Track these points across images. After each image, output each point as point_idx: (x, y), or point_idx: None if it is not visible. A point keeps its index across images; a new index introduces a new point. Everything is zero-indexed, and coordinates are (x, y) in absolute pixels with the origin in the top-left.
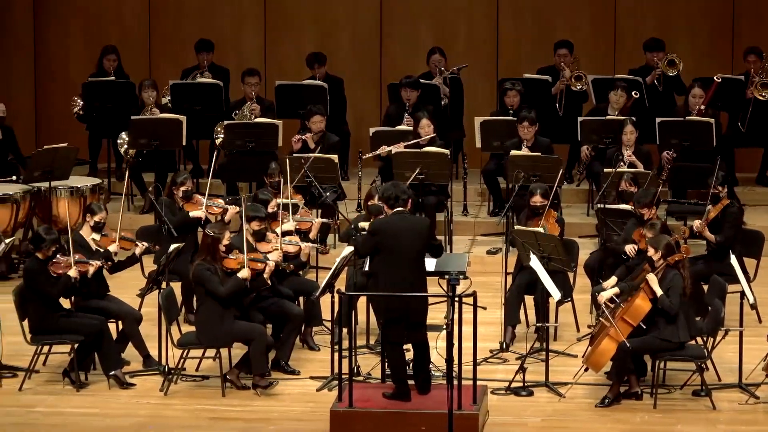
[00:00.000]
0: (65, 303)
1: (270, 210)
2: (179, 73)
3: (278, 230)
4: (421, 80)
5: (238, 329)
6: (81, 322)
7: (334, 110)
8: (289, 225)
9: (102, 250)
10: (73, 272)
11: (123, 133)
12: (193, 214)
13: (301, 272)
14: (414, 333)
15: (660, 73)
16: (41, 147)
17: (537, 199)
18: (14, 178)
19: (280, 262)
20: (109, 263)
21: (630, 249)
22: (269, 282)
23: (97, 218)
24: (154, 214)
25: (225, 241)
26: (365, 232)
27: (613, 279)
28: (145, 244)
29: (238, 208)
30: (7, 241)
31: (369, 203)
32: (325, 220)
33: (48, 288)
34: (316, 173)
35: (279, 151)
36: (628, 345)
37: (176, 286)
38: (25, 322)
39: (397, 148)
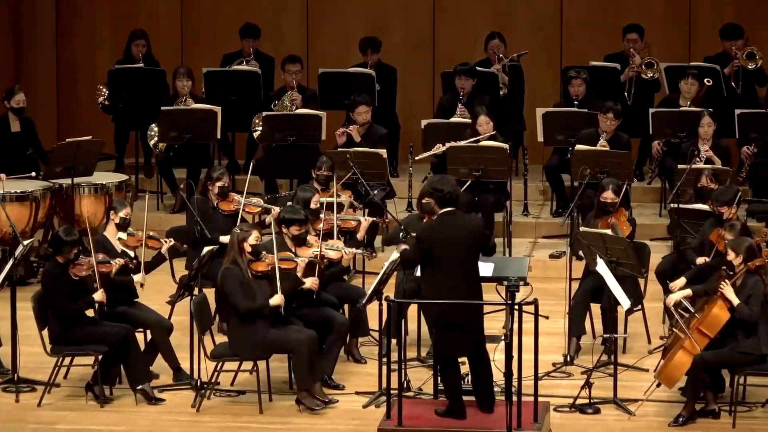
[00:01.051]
0: (89, 311)
1: (312, 206)
2: (212, 60)
3: (320, 226)
4: (478, 68)
5: (276, 339)
6: (105, 331)
7: (384, 101)
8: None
9: (128, 252)
10: (98, 296)
11: (152, 125)
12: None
13: (345, 277)
14: (470, 344)
15: (738, 65)
16: (63, 140)
17: (608, 195)
18: (34, 174)
19: (316, 259)
20: (135, 261)
21: (702, 261)
22: (304, 281)
23: (122, 214)
24: (186, 214)
25: (252, 241)
26: (414, 239)
27: (682, 280)
28: (172, 240)
29: (278, 210)
30: (25, 242)
31: (423, 201)
32: (374, 219)
33: (64, 304)
34: (363, 169)
35: (322, 145)
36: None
37: (210, 293)
38: (45, 332)
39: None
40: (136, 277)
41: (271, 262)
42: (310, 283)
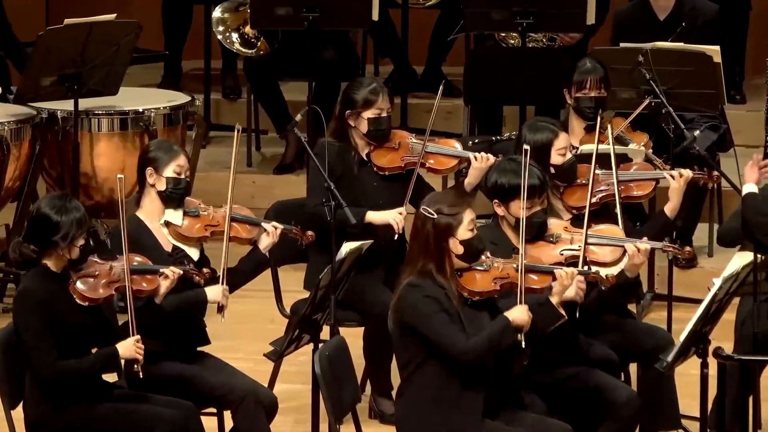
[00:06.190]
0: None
1: (556, 157)
2: None
3: (577, 197)
4: None
5: None
6: (145, 412)
7: None
8: None
9: (187, 249)
10: (126, 352)
11: None
12: None
13: (633, 308)
14: None
15: None
16: (59, 23)
17: None
18: None
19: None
20: (208, 271)
21: None
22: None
23: (170, 171)
24: (308, 172)
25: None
26: None
27: None
28: (278, 226)
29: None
30: None
31: None
32: (697, 174)
33: (48, 360)
34: (670, 87)
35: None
36: None
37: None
38: (19, 411)
39: None
40: (211, 293)
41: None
42: (575, 293)
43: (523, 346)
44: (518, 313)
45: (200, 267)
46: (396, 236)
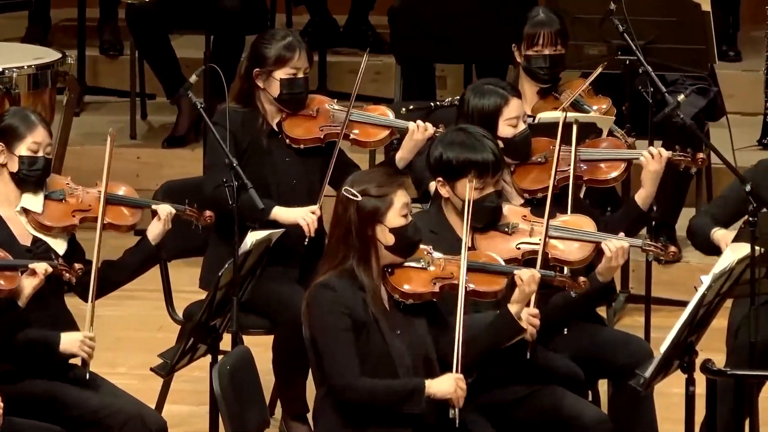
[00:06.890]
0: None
1: (504, 126)
2: None
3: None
4: None
5: None
6: None
7: None
8: None
9: (46, 239)
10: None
11: None
12: None
13: (604, 314)
14: None
15: None
16: None
17: None
18: None
19: (558, 278)
20: (60, 265)
21: None
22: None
23: (23, 149)
24: (204, 149)
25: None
26: None
27: None
28: (170, 209)
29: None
30: None
31: None
32: (680, 155)
33: None
34: (651, 40)
35: None
36: None
37: None
38: None
39: None
40: (66, 341)
41: (447, 276)
42: (526, 317)
43: (457, 425)
44: (443, 386)
45: (70, 261)
46: (306, 240)
